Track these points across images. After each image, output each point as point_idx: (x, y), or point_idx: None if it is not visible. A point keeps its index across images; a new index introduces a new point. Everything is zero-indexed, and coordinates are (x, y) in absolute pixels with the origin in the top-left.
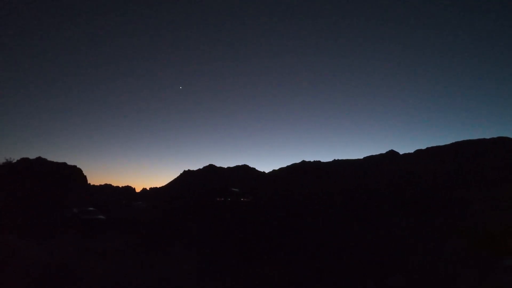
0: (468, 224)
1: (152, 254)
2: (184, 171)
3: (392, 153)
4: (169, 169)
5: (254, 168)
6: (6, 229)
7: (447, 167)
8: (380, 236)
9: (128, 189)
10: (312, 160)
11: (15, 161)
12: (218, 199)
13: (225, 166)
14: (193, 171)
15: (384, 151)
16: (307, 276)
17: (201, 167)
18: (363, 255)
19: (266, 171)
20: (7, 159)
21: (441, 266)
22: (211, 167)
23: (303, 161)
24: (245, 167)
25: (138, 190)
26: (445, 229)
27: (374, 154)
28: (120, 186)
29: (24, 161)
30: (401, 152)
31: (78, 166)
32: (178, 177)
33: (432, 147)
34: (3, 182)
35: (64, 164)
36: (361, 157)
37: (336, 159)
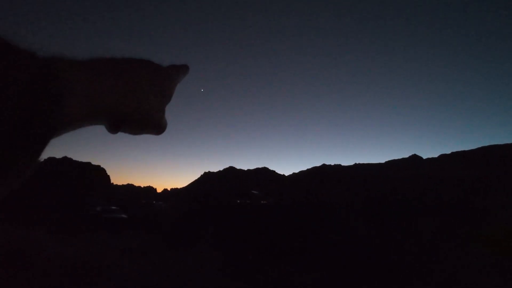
0: (493, 232)
1: (174, 253)
2: (205, 172)
3: (415, 158)
4: (190, 170)
5: (274, 171)
6: (34, 225)
7: (473, 172)
8: (401, 243)
9: (150, 189)
10: (332, 164)
11: (42, 160)
12: (238, 201)
13: (245, 168)
14: (213, 172)
15: (406, 155)
16: (329, 279)
17: (221, 168)
18: (384, 261)
19: (286, 174)
20: None
21: (465, 275)
22: (231, 169)
23: (324, 164)
24: (265, 170)
25: (159, 190)
26: (469, 237)
27: (396, 158)
28: (142, 186)
29: (51, 160)
30: (424, 157)
31: (102, 166)
32: (198, 178)
33: (457, 152)
34: (31, 181)
35: (89, 163)
36: (382, 161)
37: (357, 163)
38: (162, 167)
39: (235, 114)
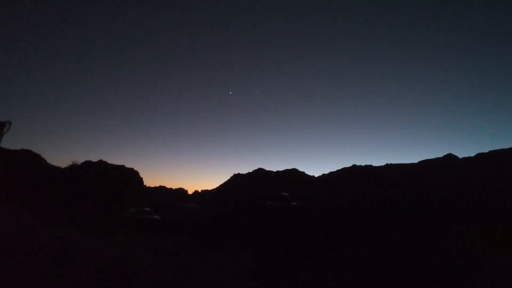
0: None
1: (205, 254)
2: (234, 174)
3: (450, 157)
4: (220, 172)
5: (304, 172)
6: (71, 226)
7: None
8: (434, 246)
9: (181, 191)
10: (363, 164)
11: (79, 163)
12: (268, 202)
13: (274, 170)
14: (243, 174)
15: (441, 155)
16: (361, 283)
17: (250, 170)
18: (417, 266)
19: (316, 175)
20: (73, 162)
21: (505, 281)
22: (260, 171)
23: (354, 165)
24: (294, 171)
25: (190, 192)
26: (508, 242)
27: (430, 158)
28: (174, 188)
29: (88, 163)
30: (460, 156)
31: (135, 169)
32: (228, 180)
33: (496, 150)
34: (69, 183)
35: (123, 166)
36: (415, 161)
37: (389, 163)
38: (193, 169)
39: (263, 116)
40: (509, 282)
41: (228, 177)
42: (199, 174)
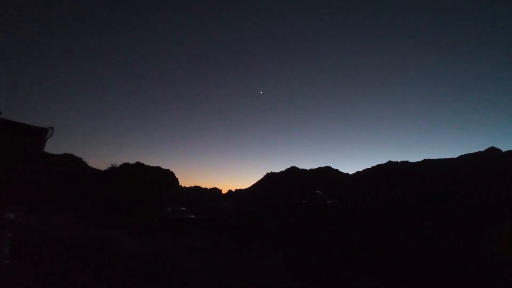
0: None
1: (241, 252)
2: (267, 173)
3: (492, 151)
4: (253, 171)
5: (337, 170)
6: (112, 226)
7: None
8: (478, 248)
9: (215, 191)
10: (399, 161)
11: (118, 166)
12: (302, 201)
13: (308, 168)
14: (276, 173)
15: (482, 149)
16: (398, 283)
17: (283, 169)
18: (458, 268)
19: (350, 173)
20: (112, 164)
21: None
22: (293, 169)
23: (389, 162)
24: (327, 169)
25: (224, 191)
26: None
27: (470, 152)
28: (208, 188)
29: (126, 166)
30: (503, 149)
31: (170, 170)
32: (261, 179)
33: None
34: (108, 185)
35: (159, 167)
36: (455, 155)
37: (426, 158)
38: (227, 169)
39: (295, 114)
40: None
41: (261, 176)
42: (233, 174)
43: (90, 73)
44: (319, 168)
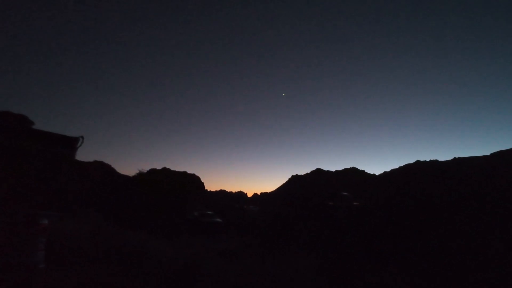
0: None
1: (269, 255)
2: (293, 175)
3: None
4: (278, 174)
5: (364, 171)
6: (141, 230)
7: None
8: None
9: (241, 194)
10: (427, 160)
11: (145, 171)
12: (328, 203)
13: (333, 170)
14: (301, 175)
15: None
16: (431, 286)
17: (308, 171)
18: (493, 272)
19: (377, 173)
20: (140, 170)
21: None
22: (318, 171)
23: (417, 161)
24: (353, 170)
25: (249, 195)
26: None
27: (504, 148)
28: (233, 191)
29: (153, 171)
30: None
31: (196, 174)
32: (287, 182)
33: None
34: (137, 190)
35: (185, 172)
36: (487, 153)
37: (457, 157)
38: (252, 173)
39: (320, 115)
40: None
41: (287, 179)
42: (258, 177)
43: (117, 83)
44: (345, 169)
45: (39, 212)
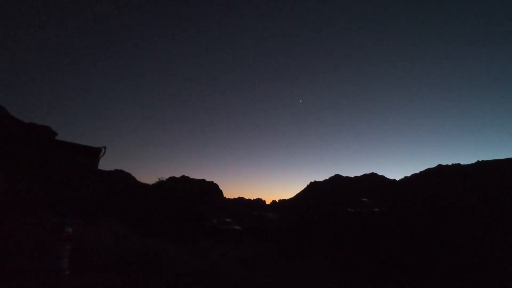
0: None
1: (288, 263)
2: (311, 182)
3: None
4: (296, 181)
5: (383, 176)
6: (161, 237)
7: None
8: None
9: (259, 201)
10: (450, 164)
11: (165, 179)
12: (348, 209)
13: (352, 175)
14: (319, 182)
15: None
16: None
17: (327, 177)
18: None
19: (397, 179)
20: (159, 178)
21: None
22: (337, 177)
23: (439, 165)
24: (373, 175)
25: (268, 202)
26: None
27: None
28: (252, 198)
29: (172, 179)
30: None
31: (214, 182)
32: (305, 189)
33: None
34: (156, 198)
35: (203, 180)
36: None
37: (481, 160)
38: (270, 180)
39: (335, 121)
40: None
41: (305, 185)
42: (276, 184)
43: (137, 94)
44: (364, 175)
45: (63, 220)
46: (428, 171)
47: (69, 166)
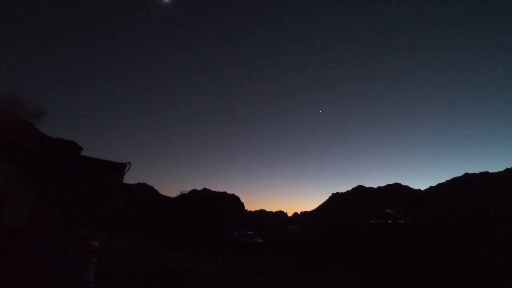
0: None
1: (311, 276)
2: (333, 193)
3: None
4: (319, 192)
5: (408, 186)
6: (183, 249)
7: None
8: None
9: (281, 214)
10: (477, 172)
11: (187, 192)
12: (372, 221)
13: (375, 186)
14: (341, 193)
15: None
16: None
17: (349, 188)
18: None
19: (422, 189)
20: (181, 191)
21: None
22: (360, 188)
23: (466, 174)
24: (397, 186)
25: (289, 214)
26: None
27: None
28: (273, 211)
29: (194, 192)
30: None
31: (236, 195)
32: (327, 200)
33: None
34: (179, 210)
35: (225, 193)
36: None
37: (510, 167)
38: (291, 192)
39: (357, 131)
40: None
41: (327, 197)
42: (298, 196)
43: (159, 112)
44: (388, 185)
45: (90, 234)
46: (455, 180)
47: (95, 180)
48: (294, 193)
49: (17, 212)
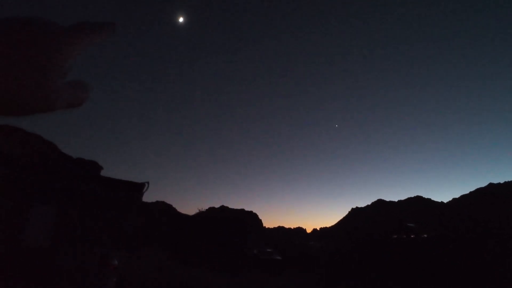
0: None
1: None
2: (352, 208)
3: None
4: (338, 207)
5: (430, 199)
6: (202, 266)
7: None
8: None
9: (300, 230)
10: (502, 182)
11: (204, 210)
12: (395, 236)
13: (396, 200)
14: (361, 207)
15: None
16: None
17: (369, 203)
18: None
19: (445, 201)
20: (199, 209)
21: None
22: (380, 202)
23: (490, 184)
24: (418, 198)
25: (308, 230)
26: None
27: None
28: (292, 227)
29: (211, 209)
30: None
31: (254, 211)
32: (346, 215)
33: None
34: (197, 228)
35: (242, 210)
36: None
37: None
38: (310, 207)
39: (376, 144)
40: None
41: (347, 212)
42: (316, 211)
43: (175, 130)
44: (408, 199)
45: (110, 252)
46: (479, 190)
47: (115, 200)
48: (312, 209)
49: (39, 232)
